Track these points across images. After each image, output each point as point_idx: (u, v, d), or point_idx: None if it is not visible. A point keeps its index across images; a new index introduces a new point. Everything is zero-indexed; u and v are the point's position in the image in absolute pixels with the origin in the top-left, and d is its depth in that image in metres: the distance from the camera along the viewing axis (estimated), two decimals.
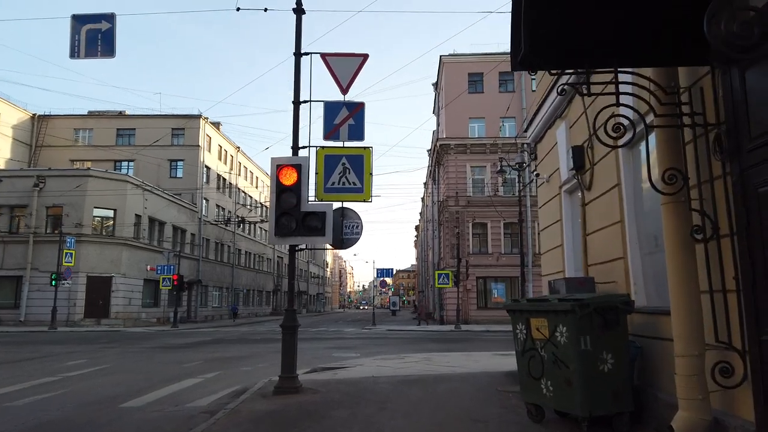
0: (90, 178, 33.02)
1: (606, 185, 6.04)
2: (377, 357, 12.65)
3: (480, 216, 32.50)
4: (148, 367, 11.95)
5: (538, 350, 5.06)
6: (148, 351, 15.68)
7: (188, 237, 43.32)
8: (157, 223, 38.22)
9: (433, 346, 16.81)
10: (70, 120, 45.84)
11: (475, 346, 16.66)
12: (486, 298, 33.15)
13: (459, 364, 10.59)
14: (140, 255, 35.36)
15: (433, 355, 13.00)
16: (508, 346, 17.63)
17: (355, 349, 16.15)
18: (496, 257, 32.87)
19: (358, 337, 22.03)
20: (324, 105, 8.19)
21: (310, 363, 12.07)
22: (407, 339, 20.98)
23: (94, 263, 32.42)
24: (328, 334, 24.27)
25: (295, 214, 7.50)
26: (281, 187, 7.60)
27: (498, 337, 22.04)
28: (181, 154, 45.35)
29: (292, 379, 7.51)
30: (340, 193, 8.06)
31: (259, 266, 62.74)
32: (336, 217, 8.05)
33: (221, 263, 50.38)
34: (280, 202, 7.57)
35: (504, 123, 34.07)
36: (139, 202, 35.58)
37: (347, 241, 8.13)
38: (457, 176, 33.58)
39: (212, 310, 47.94)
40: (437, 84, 39.29)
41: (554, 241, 8.37)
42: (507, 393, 6.91)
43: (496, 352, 13.35)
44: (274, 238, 7.58)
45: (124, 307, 33.62)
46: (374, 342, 19.20)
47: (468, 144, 33.48)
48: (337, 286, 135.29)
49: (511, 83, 34.58)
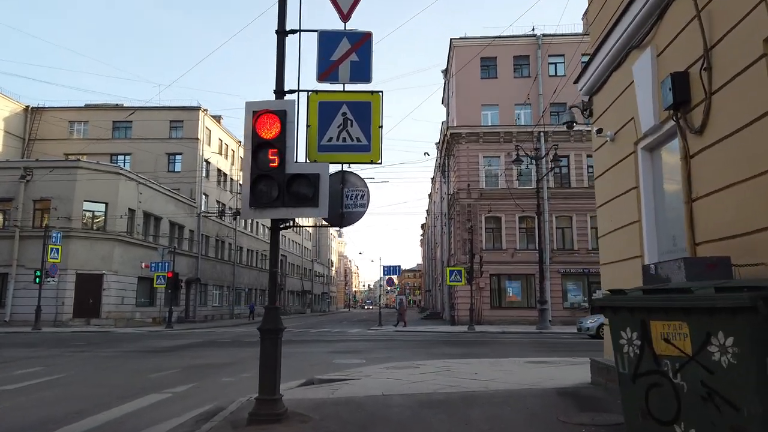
0: (80, 170, 31.16)
1: (741, 117, 3.95)
2: (386, 365, 10.61)
3: (494, 209, 30.41)
4: (111, 378, 9.97)
5: (667, 375, 3.01)
6: (122, 356, 13.70)
7: (186, 233, 41.45)
8: (152, 218, 36.34)
9: (448, 351, 14.76)
10: (65, 112, 44.04)
11: (497, 351, 14.59)
12: (500, 296, 31.04)
13: (488, 376, 8.54)
14: (134, 251, 33.48)
15: (452, 362, 10.95)
16: (536, 351, 15.15)
17: (360, 353, 14.13)
18: (511, 253, 30.76)
19: (363, 339, 19.99)
20: (318, 36, 6.14)
21: (306, 372, 10.06)
22: (418, 342, 18.93)
23: (84, 260, 30.55)
24: (330, 336, 22.25)
25: (278, 178, 5.49)
26: (259, 140, 5.58)
27: (517, 339, 19.94)
28: (180, 147, 43.45)
29: (272, 403, 5.50)
30: (339, 152, 6.03)
31: (263, 264, 60.79)
32: (334, 183, 6.03)
33: (222, 261, 48.50)
34: (258, 161, 5.56)
35: (519, 110, 31.94)
36: (133, 196, 33.70)
37: (349, 215, 6.09)
38: (469, 167, 31.48)
39: (212, 310, 46.07)
40: (447, 70, 37.18)
41: (623, 217, 6.32)
42: (579, 428, 4.84)
43: (526, 359, 11.28)
44: (248, 211, 5.57)
45: (117, 306, 31.73)
46: (381, 345, 17.16)
47: (480, 132, 31.37)
48: (342, 286, 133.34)
49: (527, 68, 32.45)
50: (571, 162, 31.10)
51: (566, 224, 31.00)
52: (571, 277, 30.56)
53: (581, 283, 30.61)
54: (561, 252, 30.64)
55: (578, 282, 30.63)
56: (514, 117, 31.63)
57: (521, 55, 32.44)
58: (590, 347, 16.00)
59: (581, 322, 20.47)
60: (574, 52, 28.10)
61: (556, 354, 13.70)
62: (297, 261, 78.94)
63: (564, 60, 31.63)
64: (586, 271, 30.30)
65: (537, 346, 16.41)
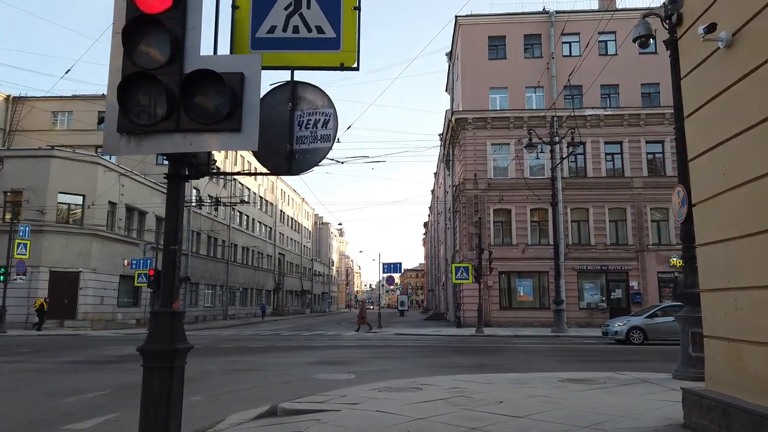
0: (54, 159, 28.78)
1: None
2: (379, 384, 8.14)
3: (502, 201, 27.87)
4: (11, 402, 7.51)
5: None
6: (56, 369, 11.24)
7: None
8: (136, 213, 33.95)
9: (457, 361, 12.27)
10: (49, 102, 41.62)
11: (516, 361, 12.10)
12: (510, 296, 28.52)
13: (520, 406, 6.07)
14: (115, 248, 31.08)
15: (465, 380, 8.48)
16: (564, 362, 12.02)
17: (351, 364, 11.65)
18: (522, 249, 28.24)
19: (357, 345, 17.49)
20: None
21: (276, 393, 7.66)
22: (421, 348, 16.44)
23: (59, 256, 28.17)
24: (322, 341, 19.76)
25: (169, 80, 3.03)
26: (137, 13, 3.12)
27: (535, 345, 17.43)
28: None
29: None
30: (287, 50, 3.58)
31: (259, 263, 58.41)
32: (278, 101, 3.57)
33: (214, 259, 46.06)
34: (135, 52, 3.09)
35: (530, 94, 29.40)
36: (114, 188, 31.27)
37: (304, 155, 3.63)
38: (476, 155, 28.97)
39: (204, 311, 43.68)
40: (452, 53, 34.64)
41: (753, 165, 3.83)
42: None
43: (559, 376, 8.80)
44: (116, 141, 3.12)
45: (95, 306, 29.32)
46: (377, 353, 14.68)
47: (488, 117, 28.85)
48: (343, 285, 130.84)
49: (539, 48, 29.90)
50: (587, 149, 28.57)
51: (582, 217, 28.47)
52: (588, 274, 28.03)
53: (599, 281, 28.09)
54: (577, 247, 28.12)
55: (595, 280, 28.09)
56: (525, 101, 29.09)
57: (532, 33, 29.89)
58: (628, 357, 13.50)
59: (608, 325, 17.97)
60: (592, 32, 25.57)
61: (590, 365, 11.21)
62: (296, 260, 76.53)
63: (579, 39, 29.10)
64: (603, 268, 27.80)
65: (562, 355, 13.91)
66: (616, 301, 27.76)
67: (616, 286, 27.99)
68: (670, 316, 17.26)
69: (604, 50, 29.26)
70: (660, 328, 17.04)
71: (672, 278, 27.66)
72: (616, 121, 28.51)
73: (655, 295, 27.38)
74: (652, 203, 28.03)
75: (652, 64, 29.14)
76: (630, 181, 28.23)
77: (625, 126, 28.53)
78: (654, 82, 29.15)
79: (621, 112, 28.37)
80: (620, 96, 29.35)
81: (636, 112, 28.33)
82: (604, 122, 28.38)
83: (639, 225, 27.94)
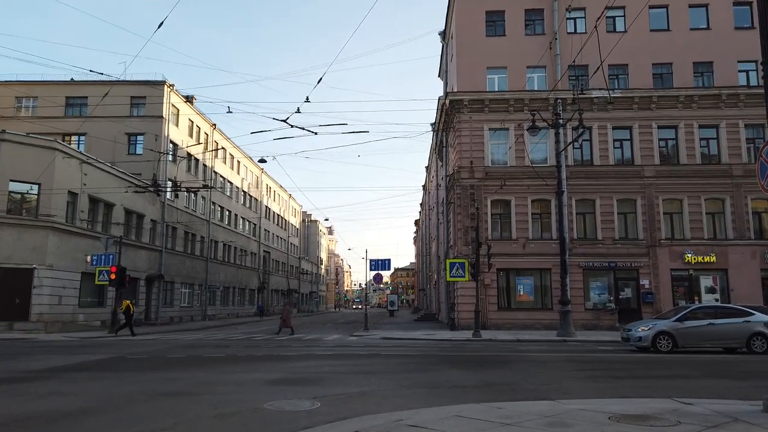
0: (4, 144, 25.86)
1: None
2: (348, 427, 5.54)
3: (501, 191, 25.33)
4: None
5: None
6: None
7: (147, 223, 36.18)
8: (102, 204, 31.05)
9: (457, 378, 9.69)
10: (11, 87, 38.72)
11: (532, 379, 9.53)
12: (509, 295, 25.98)
13: None
14: (76, 242, 28.22)
15: (473, 416, 5.93)
16: (592, 378, 9.46)
17: (320, 383, 9.02)
18: (522, 244, 25.71)
19: (335, 354, 14.81)
20: None
21: None
22: (410, 358, 13.81)
23: (9, 251, 25.29)
24: (296, 347, 17.08)
25: None
26: None
27: (545, 354, 14.87)
28: (142, 127, 38.21)
29: None
30: None
31: (242, 261, 55.56)
32: None
33: (192, 256, 43.22)
34: None
35: (532, 74, 26.88)
36: (75, 177, 28.41)
37: None
38: (472, 141, 26.39)
39: (180, 311, 40.88)
40: (445, 32, 32.01)
41: None
42: None
43: (606, 407, 6.22)
44: None
45: (52, 307, 26.44)
46: (357, 365, 12.04)
47: (486, 99, 26.26)
48: (333, 285, 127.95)
49: (541, 24, 27.36)
50: (594, 135, 26.09)
51: (588, 209, 25.98)
52: (594, 272, 25.55)
53: (606, 279, 25.60)
54: (582, 242, 25.64)
55: (603, 278, 25.60)
56: (526, 82, 26.56)
57: (534, 8, 27.35)
58: (664, 371, 10.91)
59: (629, 330, 15.43)
60: (599, 7, 23.05)
61: (627, 386, 8.68)
62: (282, 258, 73.70)
63: (585, 14, 26.66)
64: (612, 265, 25.34)
65: (583, 368, 11.34)
66: (625, 302, 25.30)
67: (625, 284, 25.53)
68: (703, 319, 14.81)
69: (612, 27, 26.82)
70: (691, 334, 14.54)
71: (687, 276, 25.25)
72: (626, 104, 26.06)
73: (668, 294, 24.96)
74: (664, 194, 25.61)
75: (664, 42, 26.78)
76: (640, 169, 25.78)
77: (635, 110, 26.08)
78: (667, 61, 26.75)
79: (630, 95, 25.91)
80: (629, 77, 26.92)
81: (647, 95, 25.88)
82: (612, 105, 25.94)
83: (650, 218, 25.50)
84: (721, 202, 25.60)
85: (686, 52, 26.69)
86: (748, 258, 24.77)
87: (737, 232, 25.12)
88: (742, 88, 25.92)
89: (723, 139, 25.87)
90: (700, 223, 25.33)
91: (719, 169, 25.64)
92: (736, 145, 25.78)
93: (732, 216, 25.23)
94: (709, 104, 25.88)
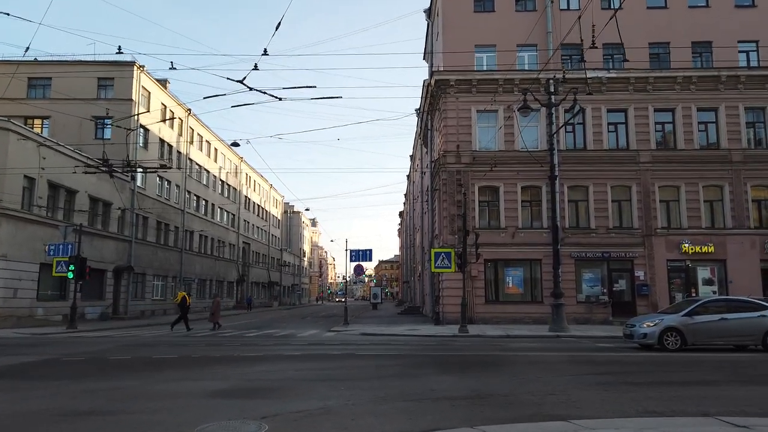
0: None
1: None
2: None
3: (489, 177, 23.78)
4: None
5: None
6: None
7: (115, 212, 34.08)
8: (62, 191, 28.97)
9: (444, 385, 8.08)
10: None
11: (531, 385, 7.96)
12: (497, 288, 24.52)
13: None
14: (34, 231, 26.17)
15: None
16: (603, 385, 7.74)
17: (276, 396, 7.36)
18: (512, 233, 24.23)
19: (306, 354, 13.11)
20: None
21: None
22: (390, 359, 12.17)
23: None
24: (263, 346, 15.36)
25: None
26: None
27: (541, 353, 13.34)
28: (110, 110, 35.97)
29: None
30: None
31: (220, 252, 53.52)
32: None
33: (165, 247, 41.18)
34: None
35: (522, 53, 25.31)
36: (32, 160, 26.29)
37: None
38: (459, 123, 24.78)
39: (152, 304, 38.94)
40: (431, 9, 30.25)
41: None
42: None
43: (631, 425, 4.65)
44: None
45: (5, 300, 24.46)
46: (327, 369, 10.37)
47: (474, 79, 24.64)
48: (316, 277, 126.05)
49: (532, 0, 25.79)
50: (587, 118, 24.64)
51: (581, 196, 24.54)
52: (587, 263, 24.16)
53: (599, 270, 24.23)
54: (574, 231, 24.22)
55: (596, 269, 24.22)
56: (516, 61, 24.98)
57: None
58: (680, 375, 9.41)
59: (632, 326, 13.95)
60: None
61: (650, 395, 7.14)
62: (263, 249, 71.65)
63: None
64: (605, 255, 23.97)
65: (587, 371, 9.80)
66: (619, 294, 23.97)
67: (620, 276, 24.18)
68: (714, 313, 13.38)
69: (607, 4, 25.33)
70: (702, 330, 13.09)
71: (684, 267, 23.97)
72: (621, 85, 24.62)
73: (664, 286, 23.67)
74: (660, 180, 24.26)
75: (662, 20, 25.36)
76: (636, 155, 24.38)
77: (631, 91, 24.64)
78: (664, 41, 25.33)
79: (626, 75, 24.44)
80: (625, 57, 25.42)
81: (644, 75, 24.45)
82: (607, 87, 24.49)
83: (646, 206, 24.15)
84: (719, 190, 24.33)
85: (684, 31, 25.31)
86: (747, 248, 23.56)
87: (736, 220, 23.89)
88: (742, 70, 24.65)
89: (722, 123, 24.57)
90: (697, 211, 24.05)
91: (718, 155, 24.36)
92: (736, 129, 24.50)
93: (731, 204, 23.99)
94: (708, 86, 24.55)
